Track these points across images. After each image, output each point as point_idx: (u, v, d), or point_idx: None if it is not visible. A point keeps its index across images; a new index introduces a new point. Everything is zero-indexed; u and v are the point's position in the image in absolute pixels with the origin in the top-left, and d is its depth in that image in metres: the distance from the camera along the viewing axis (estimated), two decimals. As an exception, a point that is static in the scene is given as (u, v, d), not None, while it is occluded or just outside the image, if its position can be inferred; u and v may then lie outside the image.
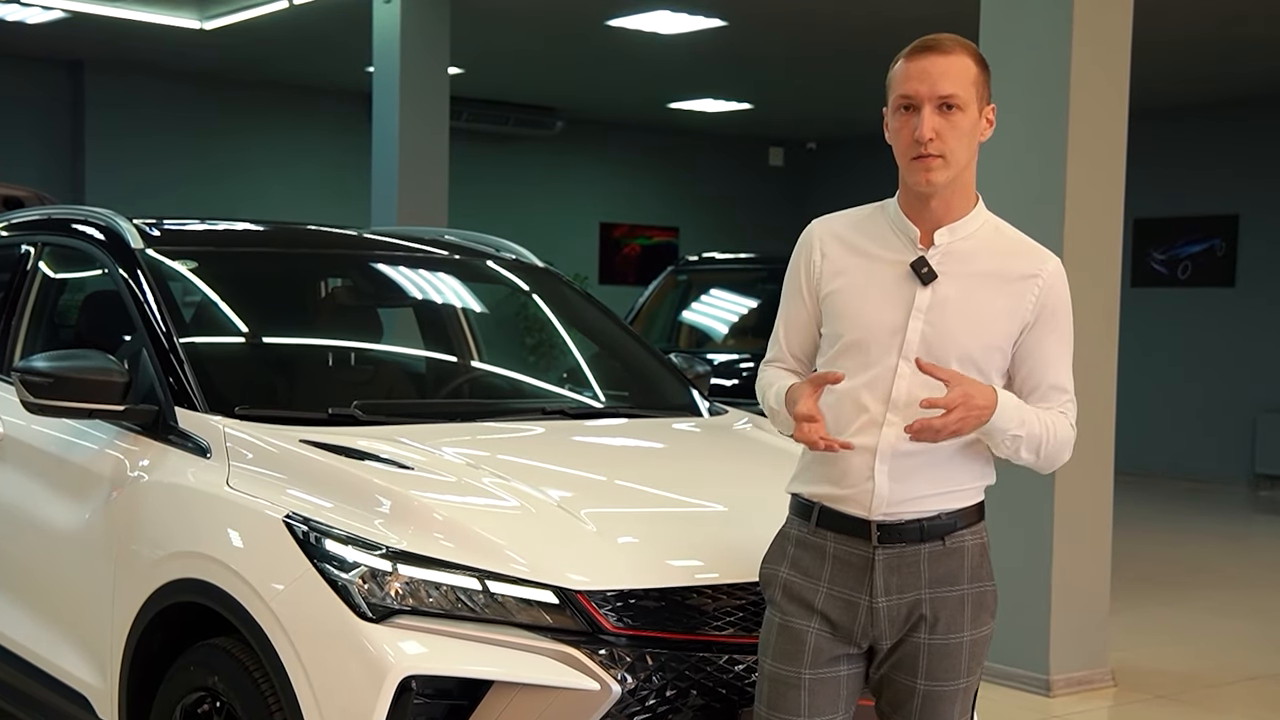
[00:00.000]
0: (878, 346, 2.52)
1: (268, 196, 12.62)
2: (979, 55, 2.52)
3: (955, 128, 2.47)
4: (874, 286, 2.54)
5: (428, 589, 2.74)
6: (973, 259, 2.53)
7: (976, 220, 2.57)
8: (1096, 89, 5.41)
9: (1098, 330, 5.49)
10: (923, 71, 2.47)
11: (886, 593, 2.51)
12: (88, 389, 3.36)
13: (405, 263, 4.41)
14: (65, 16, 10.11)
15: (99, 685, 3.44)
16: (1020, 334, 2.55)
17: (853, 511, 2.52)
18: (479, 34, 10.16)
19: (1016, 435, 2.49)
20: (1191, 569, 8.32)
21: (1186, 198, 12.57)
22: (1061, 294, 2.58)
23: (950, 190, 2.52)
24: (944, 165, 2.48)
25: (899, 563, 2.51)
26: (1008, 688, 5.41)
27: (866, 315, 2.53)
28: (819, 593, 2.54)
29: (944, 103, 2.46)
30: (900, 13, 8.88)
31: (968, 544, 2.56)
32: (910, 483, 2.50)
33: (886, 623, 2.52)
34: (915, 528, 2.51)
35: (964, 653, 2.55)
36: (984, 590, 2.58)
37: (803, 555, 2.58)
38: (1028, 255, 2.58)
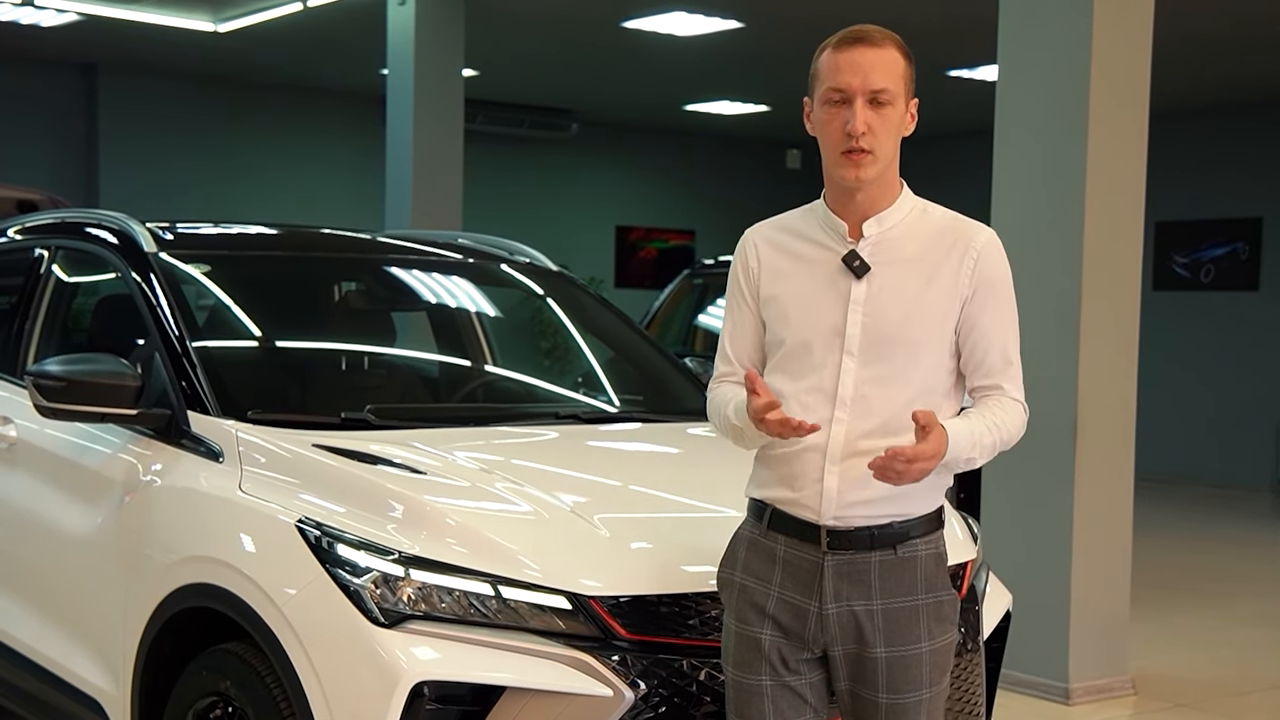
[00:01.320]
0: (821, 346, 2.51)
1: (281, 199, 12.64)
2: (906, 49, 2.52)
3: (885, 122, 2.47)
4: (810, 287, 2.54)
5: (440, 594, 2.73)
6: (903, 245, 2.52)
7: (904, 207, 2.56)
8: (1117, 90, 5.37)
9: (1118, 334, 5.45)
10: (854, 64, 2.46)
11: (836, 599, 2.48)
12: (100, 393, 3.36)
13: (418, 266, 4.41)
14: (79, 19, 10.14)
15: (111, 690, 3.44)
16: (961, 310, 2.52)
17: (804, 515, 2.50)
18: (494, 36, 10.15)
19: (970, 459, 2.47)
20: (1213, 576, 8.26)
21: (1209, 200, 12.49)
22: (997, 264, 2.54)
23: (876, 184, 2.51)
24: (873, 161, 2.47)
25: (849, 569, 2.48)
26: (1026, 696, 5.37)
27: (806, 316, 2.53)
28: (770, 597, 2.52)
29: (875, 97, 2.46)
30: (918, 13, 8.84)
31: (921, 553, 2.52)
32: (860, 485, 2.46)
33: (837, 629, 2.48)
34: (865, 534, 2.48)
35: (924, 664, 2.51)
36: (941, 601, 2.54)
37: (753, 559, 2.56)
38: (957, 231, 2.54)
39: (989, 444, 2.49)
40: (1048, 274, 5.38)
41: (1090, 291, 5.32)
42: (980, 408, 2.54)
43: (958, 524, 3.38)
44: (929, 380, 2.52)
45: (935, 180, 4.70)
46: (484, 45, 10.10)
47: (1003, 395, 2.55)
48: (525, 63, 11.58)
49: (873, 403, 2.48)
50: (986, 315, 2.52)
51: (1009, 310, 2.55)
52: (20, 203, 5.26)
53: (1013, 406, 2.55)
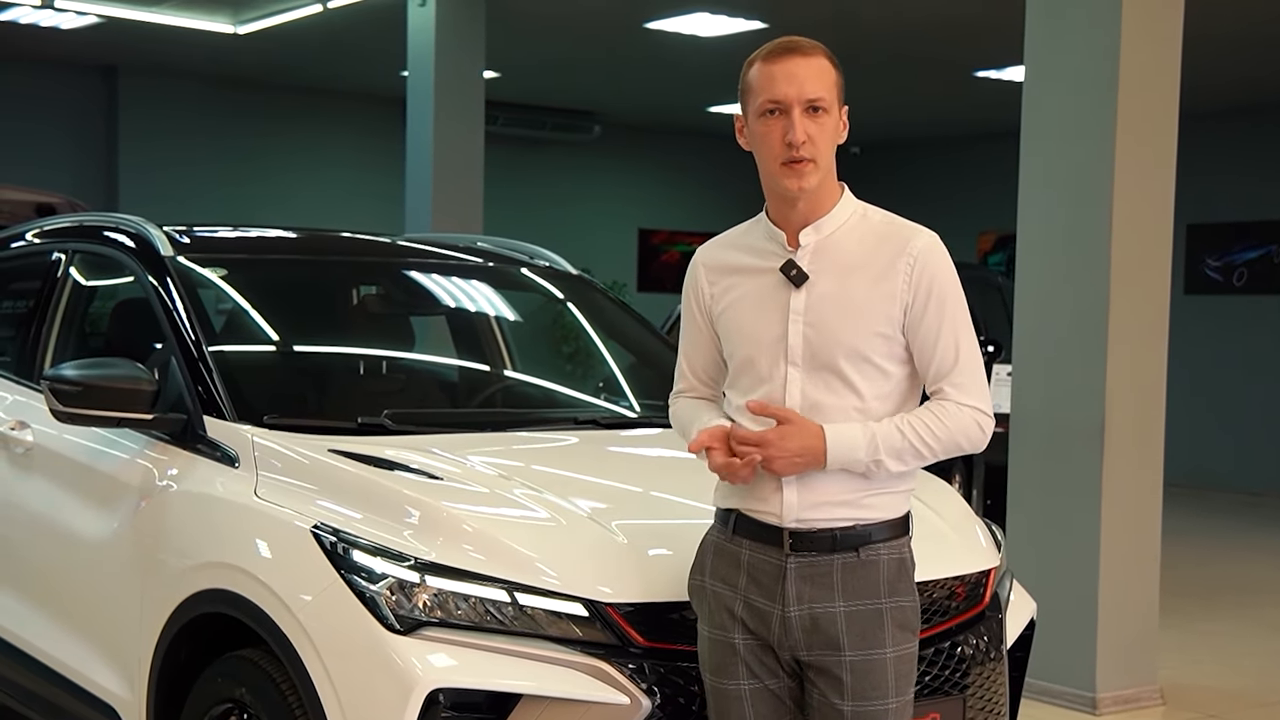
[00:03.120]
0: (766, 358, 2.53)
1: (301, 202, 12.66)
2: (833, 58, 2.55)
3: (823, 130, 2.49)
4: (755, 299, 2.56)
5: (456, 601, 2.72)
6: (841, 252, 2.53)
7: (844, 212, 2.57)
8: (1147, 91, 5.32)
9: (1146, 338, 5.40)
10: (789, 74, 2.49)
11: (799, 602, 2.49)
12: (116, 398, 3.36)
13: (437, 270, 4.40)
14: (99, 21, 10.18)
15: (127, 696, 3.43)
16: (904, 316, 2.51)
17: (767, 520, 2.53)
18: (515, 37, 10.15)
19: (876, 460, 2.47)
20: (1244, 585, 8.18)
21: (1241, 203, 12.35)
22: (937, 267, 2.52)
23: (819, 191, 2.53)
24: (815, 169, 2.49)
25: (811, 572, 2.50)
26: (1052, 705, 5.32)
27: (751, 329, 2.56)
28: (738, 600, 2.55)
29: (811, 105, 2.48)
30: (944, 14, 8.78)
31: (883, 557, 2.53)
32: (820, 489, 2.49)
33: (800, 633, 2.50)
34: (827, 537, 2.50)
35: (889, 670, 2.51)
36: (903, 606, 2.54)
37: (720, 563, 2.59)
38: (895, 235, 2.55)
39: (903, 447, 2.48)
40: (1075, 277, 5.33)
41: (1118, 294, 5.27)
42: (915, 412, 2.54)
43: (980, 532, 3.35)
44: (874, 387, 2.52)
45: (963, 183, 4.65)
46: (505, 47, 10.09)
47: (945, 400, 2.53)
48: (547, 64, 11.57)
49: (824, 411, 2.49)
50: (928, 319, 2.51)
51: (953, 313, 2.53)
52: (39, 206, 5.27)
53: (955, 411, 2.52)
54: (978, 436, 2.53)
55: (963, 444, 2.53)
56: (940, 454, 2.52)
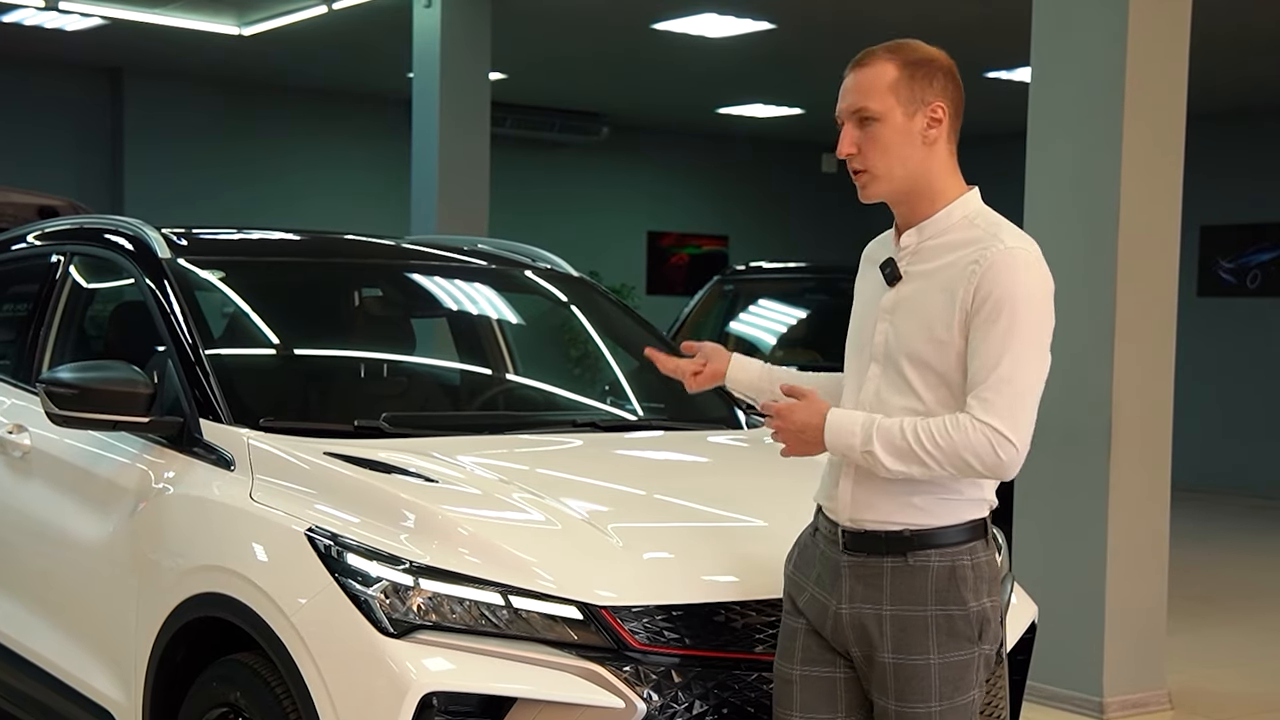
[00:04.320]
0: (860, 352, 2.62)
1: (307, 204, 12.65)
2: (909, 60, 2.51)
3: (874, 139, 2.50)
4: (866, 294, 2.66)
5: (451, 604, 2.71)
6: (935, 255, 2.53)
7: (951, 216, 2.53)
8: (1154, 90, 5.29)
9: (1154, 340, 5.38)
10: (844, 89, 2.56)
11: (850, 600, 2.53)
12: (112, 401, 3.35)
13: (438, 272, 4.38)
14: (104, 23, 10.17)
15: (123, 700, 3.42)
16: (967, 325, 2.44)
17: (834, 516, 2.59)
18: (522, 38, 10.14)
19: (868, 450, 2.44)
20: (1255, 590, 8.13)
21: (1255, 204, 12.26)
22: (1002, 280, 2.41)
23: (909, 196, 2.54)
24: (871, 179, 2.53)
25: (863, 572, 2.53)
26: (1059, 710, 5.29)
27: (857, 321, 2.66)
28: (804, 592, 2.62)
29: (858, 116, 2.52)
30: (953, 14, 8.75)
31: (934, 564, 2.50)
32: (873, 489, 2.52)
33: (849, 630, 2.54)
34: (877, 538, 2.53)
35: (932, 676, 2.50)
36: (951, 615, 2.50)
37: (803, 555, 2.67)
38: (977, 243, 2.47)
39: (900, 446, 2.42)
40: (1082, 278, 5.29)
41: (1125, 296, 5.25)
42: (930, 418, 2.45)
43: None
44: (935, 393, 2.49)
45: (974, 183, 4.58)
46: (513, 48, 10.08)
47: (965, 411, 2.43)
48: (554, 65, 11.56)
49: (889, 410, 2.52)
50: (977, 329, 2.43)
51: (1007, 328, 2.40)
52: (42, 208, 5.27)
53: (969, 425, 2.41)
54: (990, 459, 2.40)
55: (971, 462, 2.41)
56: (945, 465, 2.42)
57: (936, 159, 2.52)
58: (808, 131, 14.48)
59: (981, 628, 2.54)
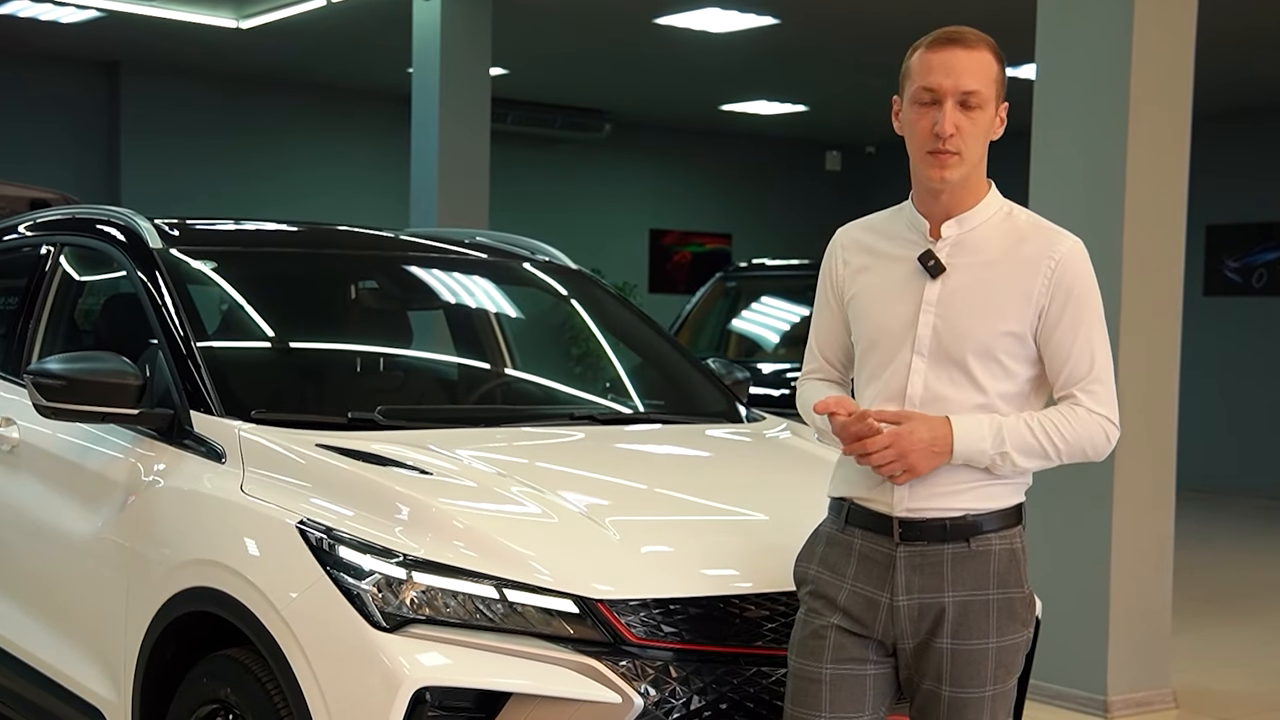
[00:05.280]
0: (892, 344, 2.55)
1: (305, 199, 12.57)
2: (999, 53, 2.56)
3: (974, 125, 2.50)
4: (889, 285, 2.58)
5: (445, 598, 2.68)
6: (983, 248, 2.54)
7: (988, 209, 2.57)
8: (1158, 89, 5.26)
9: (1159, 340, 5.35)
10: (947, 65, 2.51)
11: (908, 592, 2.50)
12: (101, 392, 3.31)
13: (435, 265, 4.34)
14: (100, 16, 10.12)
15: (112, 697, 3.39)
16: (1039, 319, 2.52)
17: (877, 508, 2.53)
18: (523, 34, 10.10)
19: (1002, 453, 2.48)
20: (1261, 589, 8.10)
21: (1261, 203, 12.22)
22: (1080, 274, 2.53)
23: (960, 185, 2.53)
24: (960, 162, 2.50)
25: (921, 562, 2.51)
26: (1063, 709, 5.26)
27: (881, 314, 2.57)
28: (843, 589, 2.55)
29: (965, 99, 2.49)
30: (959, 10, 8.68)
31: (995, 548, 2.53)
32: (932, 480, 2.50)
33: (907, 622, 2.51)
34: (938, 526, 2.50)
35: (990, 660, 2.52)
36: (1011, 598, 2.54)
37: (830, 552, 2.59)
38: (1040, 238, 2.55)
39: (1030, 444, 2.48)
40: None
41: (1130, 296, 5.22)
42: (1045, 412, 2.55)
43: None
44: (999, 385, 2.52)
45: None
46: (514, 43, 10.04)
47: (1077, 405, 2.54)
48: (556, 61, 11.52)
49: (945, 404, 2.50)
50: (1064, 325, 2.51)
51: (1091, 321, 2.53)
52: (34, 201, 5.22)
53: (1086, 416, 2.53)
54: (1103, 445, 2.55)
55: (1088, 451, 2.54)
56: (1065, 457, 2.52)
57: (984, 157, 2.57)
58: (811, 129, 14.44)
59: (1031, 609, 2.58)
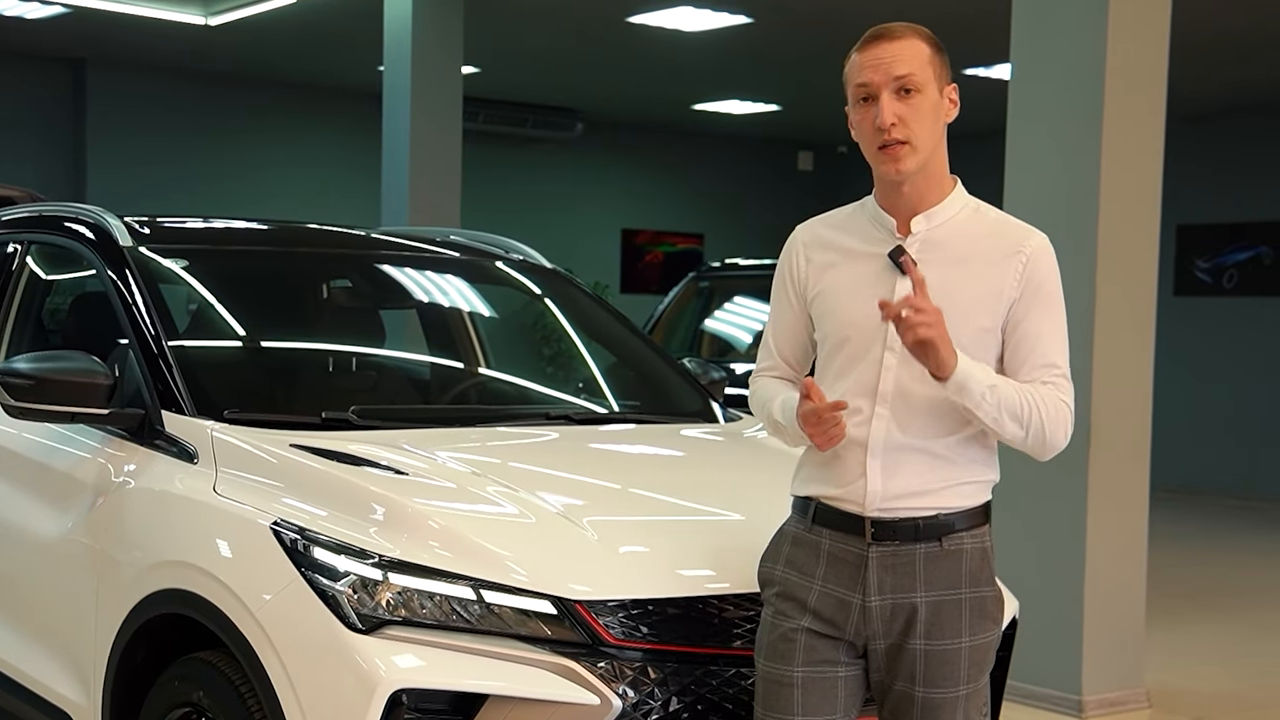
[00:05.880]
0: (863, 341, 2.53)
1: (276, 198, 12.48)
2: (932, 38, 2.55)
3: (916, 110, 2.48)
4: (857, 282, 2.56)
5: (421, 599, 2.66)
6: (952, 244, 2.53)
7: (955, 204, 2.57)
8: (1133, 90, 5.27)
9: (1133, 340, 5.35)
10: (875, 60, 2.50)
11: (880, 592, 2.49)
12: (70, 392, 3.28)
13: (408, 263, 4.31)
14: (66, 11, 10.02)
15: (81, 701, 3.35)
16: (1006, 313, 2.53)
17: (847, 508, 2.52)
18: (495, 32, 10.06)
19: (992, 385, 2.44)
20: (1234, 588, 8.15)
21: (1232, 204, 12.29)
22: (1048, 269, 2.56)
23: (922, 177, 2.52)
24: (911, 151, 2.48)
25: (893, 562, 2.49)
26: (1037, 709, 5.26)
27: (851, 311, 2.55)
28: (813, 590, 2.53)
29: (901, 86, 2.48)
30: (931, 10, 8.69)
31: (967, 547, 2.52)
32: (903, 478, 2.49)
33: (879, 622, 2.50)
34: (910, 526, 2.49)
35: (963, 659, 2.52)
36: (983, 596, 2.54)
37: (798, 553, 2.57)
38: (1009, 234, 2.56)
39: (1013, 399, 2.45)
40: (1062, 276, 5.23)
41: (1105, 296, 5.23)
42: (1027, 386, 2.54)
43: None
44: None
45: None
46: (486, 41, 10.01)
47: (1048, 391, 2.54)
48: (528, 59, 11.48)
49: (914, 399, 2.49)
50: (1031, 319, 2.52)
51: (1056, 315, 2.55)
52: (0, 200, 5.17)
53: (1058, 403, 2.53)
54: (1063, 438, 2.53)
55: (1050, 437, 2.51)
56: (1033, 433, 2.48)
57: (944, 142, 2.55)
58: (784, 128, 14.45)
59: (1001, 606, 2.58)
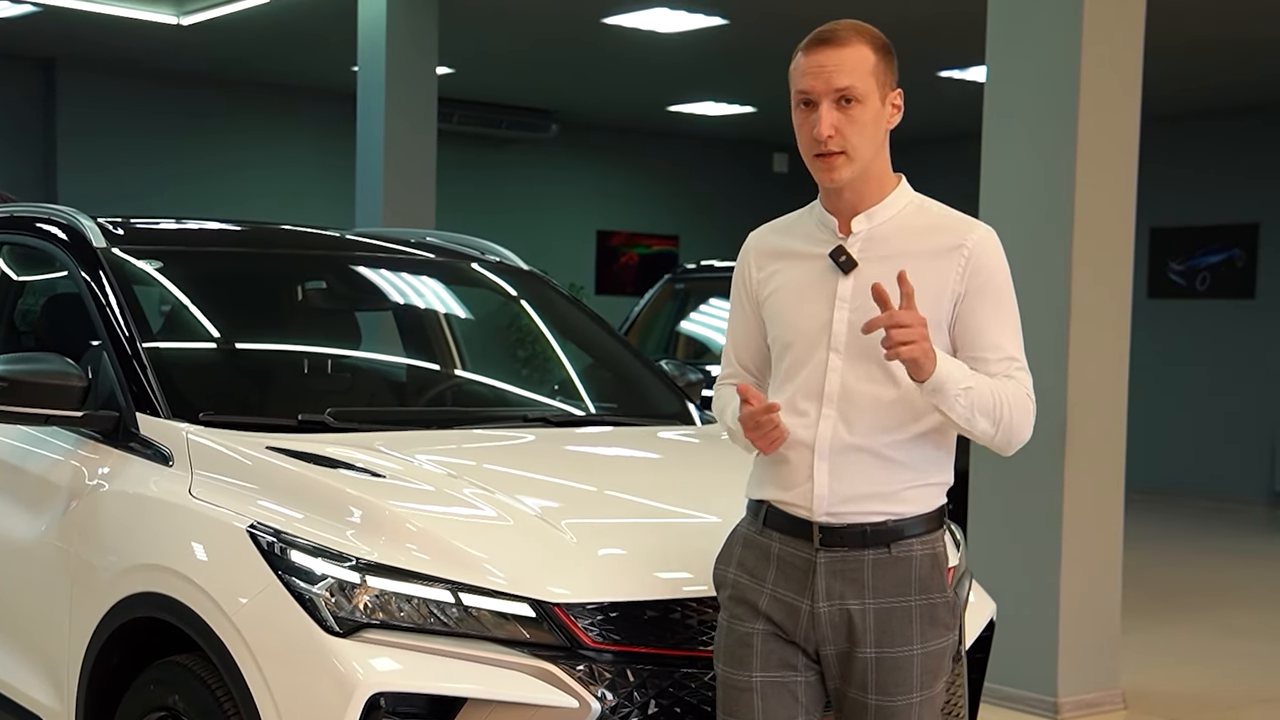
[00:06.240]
0: (808, 343, 2.51)
1: (250, 200, 12.39)
2: (880, 42, 2.51)
3: (855, 121, 2.45)
4: (802, 284, 2.54)
5: (399, 602, 2.65)
6: (894, 241, 2.50)
7: (898, 202, 2.54)
8: (1107, 94, 5.29)
9: (1109, 341, 5.37)
10: (818, 66, 2.47)
11: (828, 598, 2.46)
12: (44, 394, 3.26)
13: (384, 265, 4.30)
14: (36, 10, 9.92)
15: (55, 706, 3.32)
16: (954, 308, 2.49)
17: (797, 513, 2.49)
18: (470, 32, 10.03)
19: (967, 387, 2.40)
20: (1208, 589, 8.18)
21: (1205, 206, 12.36)
22: (993, 261, 2.51)
23: (861, 180, 2.50)
24: (847, 161, 2.46)
25: (842, 568, 2.46)
26: (1013, 710, 5.27)
27: (796, 313, 2.54)
28: (763, 594, 2.51)
29: (841, 96, 2.45)
30: (908, 12, 8.73)
31: (916, 554, 2.48)
32: (852, 481, 2.46)
33: (828, 628, 2.47)
34: (858, 532, 2.46)
35: (915, 667, 2.48)
36: (934, 603, 2.50)
37: (749, 555, 2.55)
38: (951, 228, 2.52)
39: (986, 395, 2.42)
40: (1036, 279, 5.27)
41: (1080, 298, 5.24)
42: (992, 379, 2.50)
43: (942, 530, 3.28)
44: None
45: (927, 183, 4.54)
46: (459, 41, 9.97)
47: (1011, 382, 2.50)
48: (503, 60, 11.45)
49: (860, 400, 2.46)
50: (980, 312, 2.48)
51: (1007, 307, 2.52)
52: (-32, 200, 5.12)
53: (1024, 398, 2.49)
54: (1028, 431, 2.49)
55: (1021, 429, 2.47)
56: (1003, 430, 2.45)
57: (886, 145, 2.53)
58: (759, 130, 14.47)
59: (954, 612, 2.55)
